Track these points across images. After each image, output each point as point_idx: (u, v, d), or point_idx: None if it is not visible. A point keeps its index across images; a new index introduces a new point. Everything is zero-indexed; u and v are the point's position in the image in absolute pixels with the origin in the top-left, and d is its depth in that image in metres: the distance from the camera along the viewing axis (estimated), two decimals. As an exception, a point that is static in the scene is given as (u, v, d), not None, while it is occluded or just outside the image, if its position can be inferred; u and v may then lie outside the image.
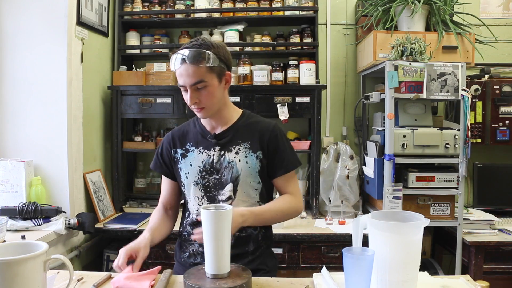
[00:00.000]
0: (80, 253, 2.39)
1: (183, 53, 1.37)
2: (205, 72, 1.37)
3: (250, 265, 1.37)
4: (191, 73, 1.36)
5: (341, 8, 2.96)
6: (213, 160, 1.48)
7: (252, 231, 1.49)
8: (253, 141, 1.48)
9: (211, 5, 2.80)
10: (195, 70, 1.36)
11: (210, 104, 1.42)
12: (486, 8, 2.92)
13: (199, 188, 1.49)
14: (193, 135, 1.54)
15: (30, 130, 2.29)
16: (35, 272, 0.91)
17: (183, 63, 1.36)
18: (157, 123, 3.00)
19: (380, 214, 1.09)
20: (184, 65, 1.36)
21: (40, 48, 2.26)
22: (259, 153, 1.47)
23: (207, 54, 1.37)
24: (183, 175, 1.51)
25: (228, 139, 1.49)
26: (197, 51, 1.36)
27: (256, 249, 1.50)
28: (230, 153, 1.47)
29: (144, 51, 2.91)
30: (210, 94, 1.41)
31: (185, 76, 1.37)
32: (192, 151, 1.51)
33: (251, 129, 1.50)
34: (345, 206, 2.59)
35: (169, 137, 1.57)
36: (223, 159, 1.47)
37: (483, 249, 2.25)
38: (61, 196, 2.29)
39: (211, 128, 1.52)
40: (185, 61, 1.36)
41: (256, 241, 1.50)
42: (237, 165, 1.46)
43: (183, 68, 1.37)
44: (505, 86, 2.61)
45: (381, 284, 1.03)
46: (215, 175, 1.47)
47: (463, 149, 2.27)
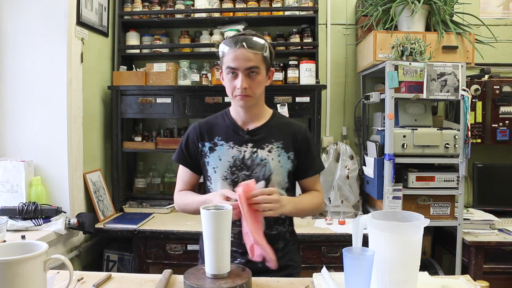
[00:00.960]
0: (80, 253, 2.39)
1: (241, 38, 1.39)
2: (260, 60, 1.41)
3: (281, 262, 1.39)
4: (248, 58, 1.38)
5: (341, 8, 2.96)
6: (244, 156, 1.47)
7: (281, 228, 1.50)
8: (285, 142, 1.50)
9: (211, 5, 2.80)
10: (252, 56, 1.39)
11: (256, 93, 1.43)
12: (486, 8, 2.92)
13: (228, 184, 1.47)
14: (222, 129, 1.51)
15: (30, 130, 2.29)
16: (35, 272, 0.91)
17: (240, 47, 1.38)
18: (157, 123, 3.00)
19: (380, 214, 1.09)
20: (242, 49, 1.38)
21: (40, 48, 2.26)
22: (291, 153, 1.49)
23: (265, 44, 1.42)
24: (210, 169, 1.49)
25: (261, 136, 1.49)
26: (257, 39, 1.41)
27: (285, 246, 1.52)
28: (262, 150, 1.47)
29: (144, 51, 2.91)
30: (258, 83, 1.42)
31: (242, 60, 1.38)
32: (221, 145, 1.49)
33: (283, 129, 1.52)
34: (345, 206, 2.59)
35: (196, 129, 1.53)
36: (255, 156, 1.47)
37: (483, 249, 2.25)
38: (61, 196, 2.29)
39: (243, 123, 1.51)
40: (243, 45, 1.38)
41: (285, 238, 1.52)
42: (270, 163, 1.47)
43: (240, 51, 1.38)
44: (505, 86, 2.61)
45: (381, 284, 1.03)
46: (245, 171, 1.46)
47: (463, 149, 2.27)
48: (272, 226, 1.46)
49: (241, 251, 1.43)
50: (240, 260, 1.44)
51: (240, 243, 1.38)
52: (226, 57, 1.41)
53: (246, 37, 1.40)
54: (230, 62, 1.40)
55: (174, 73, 2.73)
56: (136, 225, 2.37)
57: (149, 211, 2.69)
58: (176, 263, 2.35)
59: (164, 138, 2.78)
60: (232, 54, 1.39)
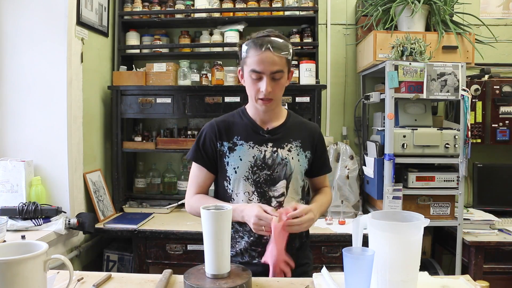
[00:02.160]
0: (80, 253, 2.39)
1: (266, 40, 1.37)
2: (285, 63, 1.40)
3: (297, 260, 1.41)
4: (274, 61, 1.37)
5: (341, 8, 2.96)
6: (264, 156, 1.47)
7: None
8: (303, 140, 1.52)
9: (211, 5, 2.80)
10: (278, 59, 1.37)
11: (278, 96, 1.44)
12: (486, 8, 2.92)
13: (249, 183, 1.46)
14: (241, 128, 1.50)
15: (30, 130, 2.29)
16: (35, 272, 0.91)
17: (266, 50, 1.36)
18: (157, 123, 3.00)
19: (380, 214, 1.09)
20: (268, 52, 1.36)
21: (40, 48, 2.26)
22: (308, 152, 1.52)
23: (289, 46, 1.40)
24: (230, 170, 1.47)
25: (280, 136, 1.49)
26: (283, 42, 1.39)
27: (301, 245, 1.54)
28: (283, 150, 1.48)
29: (144, 51, 2.91)
30: (282, 86, 1.43)
31: (267, 63, 1.36)
32: (241, 145, 1.47)
33: (300, 128, 1.54)
34: (345, 206, 2.59)
35: (214, 128, 1.49)
36: (276, 155, 1.47)
37: (483, 249, 2.25)
38: (61, 196, 2.29)
39: (262, 123, 1.50)
40: (269, 48, 1.36)
41: (301, 236, 1.54)
42: (291, 162, 1.48)
43: (266, 55, 1.36)
44: (505, 86, 2.61)
45: (381, 284, 1.03)
46: (266, 171, 1.46)
47: (463, 149, 2.27)
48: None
49: (260, 250, 1.44)
50: (258, 260, 1.43)
51: (260, 242, 1.43)
52: (250, 59, 1.38)
53: (271, 39, 1.38)
54: (255, 65, 1.37)
55: (174, 73, 2.73)
56: (136, 225, 2.37)
57: (149, 211, 2.68)
58: (176, 263, 2.35)
59: (164, 138, 2.78)
60: (258, 57, 1.37)
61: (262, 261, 1.33)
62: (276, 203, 1.47)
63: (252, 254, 1.46)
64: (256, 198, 1.46)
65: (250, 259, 1.46)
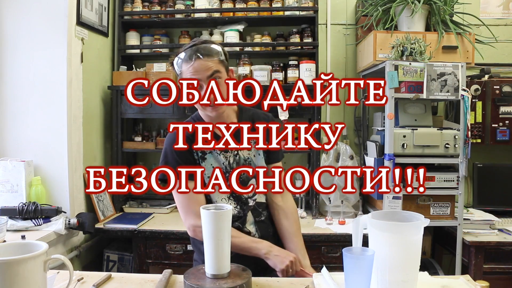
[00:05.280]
0: (80, 253, 2.39)
1: (194, 50, 1.39)
2: (218, 64, 1.42)
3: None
4: (207, 66, 1.39)
5: (341, 8, 2.96)
6: (229, 161, 1.51)
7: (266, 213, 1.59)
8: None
9: (211, 5, 2.80)
10: (210, 63, 1.40)
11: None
12: (486, 8, 2.92)
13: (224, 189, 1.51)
14: None
15: (30, 130, 2.29)
16: (35, 272, 0.91)
17: (196, 58, 1.39)
18: (157, 123, 3.00)
19: (380, 214, 1.09)
20: (198, 60, 1.39)
21: (40, 48, 2.26)
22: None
23: (216, 48, 1.43)
24: (206, 178, 1.51)
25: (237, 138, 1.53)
26: (208, 46, 1.42)
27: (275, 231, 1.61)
28: (242, 151, 1.53)
29: (144, 51, 2.91)
30: (222, 87, 1.42)
31: (202, 70, 1.39)
32: (210, 153, 1.52)
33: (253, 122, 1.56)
34: (345, 206, 2.59)
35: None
36: (239, 158, 1.52)
37: (483, 249, 2.25)
38: (61, 196, 2.29)
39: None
40: (198, 56, 1.38)
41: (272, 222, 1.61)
42: (253, 160, 1.53)
43: (198, 63, 1.39)
44: (505, 86, 2.61)
45: (381, 284, 1.03)
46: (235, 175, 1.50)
47: (463, 149, 2.26)
48: (260, 213, 1.54)
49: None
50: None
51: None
52: (187, 71, 1.40)
53: (199, 47, 1.40)
54: (193, 75, 1.39)
55: (174, 73, 2.72)
56: (136, 225, 2.37)
57: (149, 211, 2.69)
58: (176, 263, 2.35)
59: (164, 138, 2.78)
60: (191, 68, 1.40)
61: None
62: (252, 202, 1.53)
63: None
64: (233, 203, 1.51)
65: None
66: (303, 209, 2.67)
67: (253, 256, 1.47)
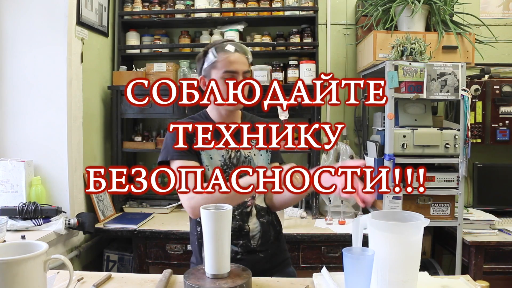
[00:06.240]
0: (80, 253, 2.39)
1: (234, 44, 1.45)
2: (249, 65, 1.49)
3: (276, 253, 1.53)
4: (244, 62, 1.46)
5: (341, 8, 2.96)
6: (230, 156, 1.52)
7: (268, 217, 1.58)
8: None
9: (211, 5, 2.80)
10: (246, 60, 1.47)
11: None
12: (486, 8, 2.92)
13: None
14: None
15: (30, 130, 2.29)
16: (35, 272, 0.91)
17: (236, 51, 1.44)
18: (157, 123, 3.00)
19: (380, 214, 1.09)
20: (238, 53, 1.44)
21: (40, 48, 2.26)
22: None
23: (249, 50, 1.50)
24: (205, 168, 1.51)
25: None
26: (244, 46, 1.48)
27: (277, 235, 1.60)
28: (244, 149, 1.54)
29: (144, 51, 2.91)
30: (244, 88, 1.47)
31: (241, 63, 1.44)
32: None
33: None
34: (345, 206, 2.59)
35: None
36: (239, 154, 1.53)
37: (483, 249, 2.25)
38: (61, 196, 2.29)
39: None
40: (238, 50, 1.44)
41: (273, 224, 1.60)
42: (254, 159, 1.54)
43: (239, 55, 1.44)
44: (505, 86, 2.61)
45: (381, 284, 1.03)
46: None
47: (463, 149, 2.27)
48: (263, 216, 1.53)
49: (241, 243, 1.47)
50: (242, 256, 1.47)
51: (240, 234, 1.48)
52: (225, 59, 1.43)
53: (237, 44, 1.47)
54: (229, 65, 1.42)
55: (174, 73, 2.73)
56: (136, 225, 2.37)
57: (149, 211, 2.69)
58: (176, 263, 2.35)
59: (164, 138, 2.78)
60: (231, 57, 1.43)
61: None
62: (249, 199, 1.52)
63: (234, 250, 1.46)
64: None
65: (234, 255, 1.46)
66: (303, 209, 2.67)
67: (253, 257, 1.47)
